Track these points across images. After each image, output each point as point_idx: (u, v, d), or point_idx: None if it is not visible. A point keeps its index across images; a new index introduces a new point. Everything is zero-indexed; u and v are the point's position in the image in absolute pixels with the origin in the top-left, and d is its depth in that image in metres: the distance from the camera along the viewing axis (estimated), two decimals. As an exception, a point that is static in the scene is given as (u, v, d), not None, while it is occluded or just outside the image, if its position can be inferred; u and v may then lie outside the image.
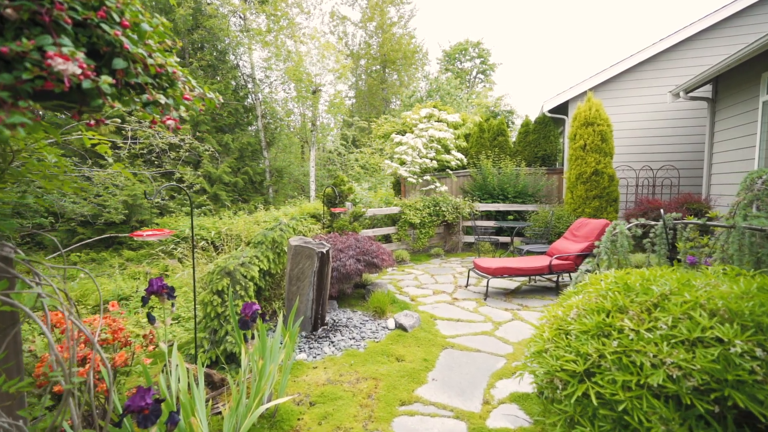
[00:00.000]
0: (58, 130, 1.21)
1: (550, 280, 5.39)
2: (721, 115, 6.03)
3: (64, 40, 0.87)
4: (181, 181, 11.64)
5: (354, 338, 3.45)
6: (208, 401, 2.27)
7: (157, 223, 9.78)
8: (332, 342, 3.37)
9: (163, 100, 1.14)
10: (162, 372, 1.93)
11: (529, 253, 5.89)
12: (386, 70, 24.05)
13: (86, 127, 1.44)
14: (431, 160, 9.15)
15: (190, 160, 12.90)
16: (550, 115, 8.92)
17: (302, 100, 15.59)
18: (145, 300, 1.85)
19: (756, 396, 1.04)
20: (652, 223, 2.61)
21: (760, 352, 1.06)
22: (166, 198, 10.67)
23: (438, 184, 8.73)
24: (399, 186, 11.46)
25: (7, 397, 1.30)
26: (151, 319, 1.90)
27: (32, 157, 1.53)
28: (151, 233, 2.18)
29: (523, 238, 7.62)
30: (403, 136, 9.63)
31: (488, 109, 16.13)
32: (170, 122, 1.18)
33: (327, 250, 3.57)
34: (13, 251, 1.28)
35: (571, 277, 5.63)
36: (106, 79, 0.94)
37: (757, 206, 2.82)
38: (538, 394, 1.58)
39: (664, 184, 7.64)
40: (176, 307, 4.86)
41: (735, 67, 5.19)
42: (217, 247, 6.04)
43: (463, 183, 9.52)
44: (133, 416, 1.16)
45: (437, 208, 7.61)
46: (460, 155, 9.47)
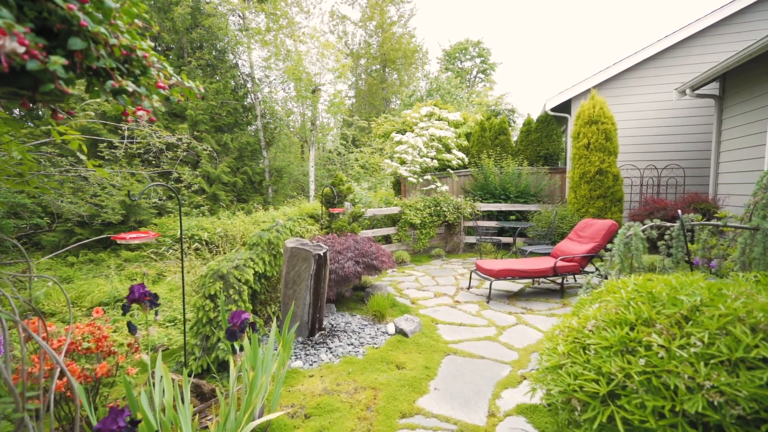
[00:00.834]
0: (18, 124, 1.07)
1: (555, 282, 5.25)
2: (729, 113, 5.89)
3: (2, 12, 0.74)
4: (179, 180, 11.49)
5: (352, 344, 3.32)
6: (196, 415, 2.14)
7: (155, 224, 9.63)
8: (330, 348, 3.23)
9: (131, 87, 1.01)
10: (147, 383, 1.79)
11: (532, 254, 5.75)
12: (386, 70, 23.90)
13: (56, 121, 1.31)
14: (432, 159, 9.00)
15: (188, 160, 12.74)
16: (552, 114, 8.77)
17: (302, 99, 15.44)
18: (125, 308, 1.71)
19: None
20: (668, 224, 2.47)
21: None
22: (164, 198, 10.52)
23: (439, 184, 8.58)
24: (399, 186, 11.32)
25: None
26: (132, 329, 1.77)
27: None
28: (135, 236, 2.05)
29: (526, 239, 7.48)
30: (403, 135, 9.47)
31: (489, 108, 15.97)
32: (141, 113, 1.05)
33: (324, 252, 3.44)
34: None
35: (575, 279, 5.50)
36: (57, 59, 0.80)
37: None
38: (548, 409, 1.45)
39: (669, 184, 7.50)
40: (173, 310, 4.75)
41: (744, 63, 5.05)
42: (212, 248, 5.91)
43: (464, 182, 9.37)
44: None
45: (438, 208, 7.46)
46: (461, 154, 9.30)
